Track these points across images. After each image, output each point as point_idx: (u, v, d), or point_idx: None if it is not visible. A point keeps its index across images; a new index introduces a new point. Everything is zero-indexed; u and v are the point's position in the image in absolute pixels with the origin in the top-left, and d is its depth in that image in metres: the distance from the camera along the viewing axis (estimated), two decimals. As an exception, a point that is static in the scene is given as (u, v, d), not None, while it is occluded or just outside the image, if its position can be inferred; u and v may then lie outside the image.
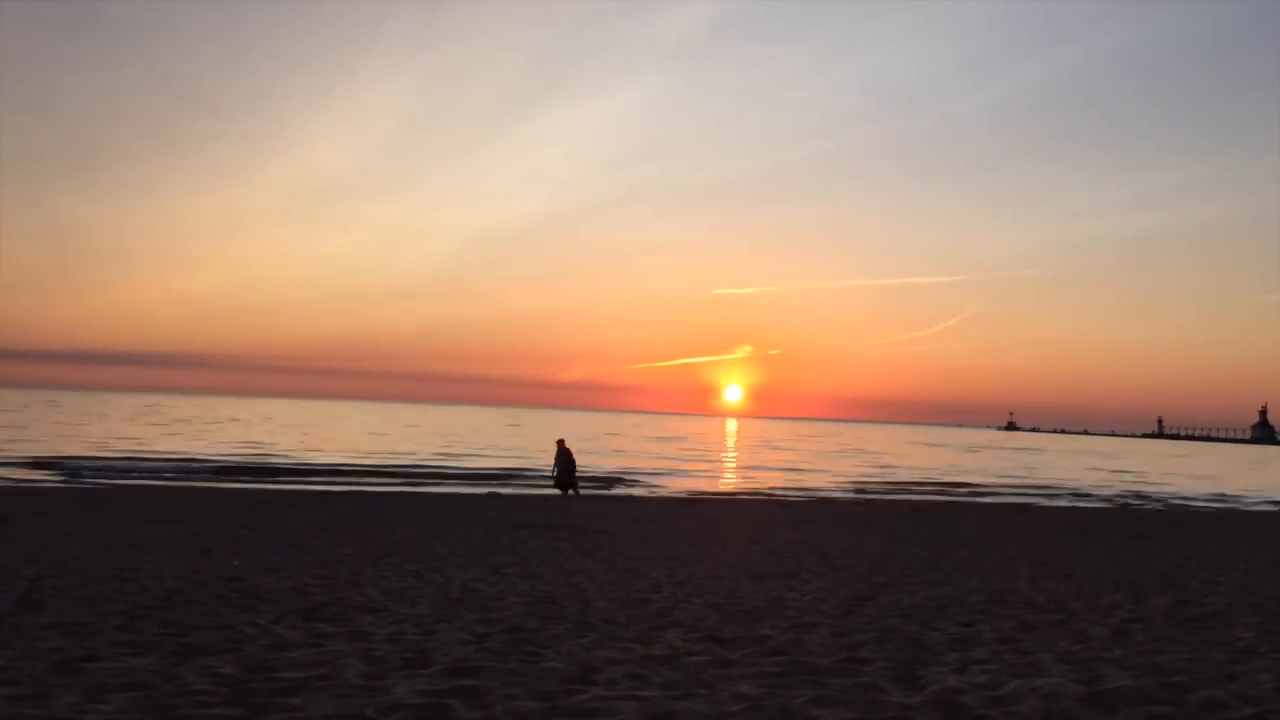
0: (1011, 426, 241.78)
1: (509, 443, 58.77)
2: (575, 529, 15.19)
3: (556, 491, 24.04)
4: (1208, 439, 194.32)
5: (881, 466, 49.96)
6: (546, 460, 28.48)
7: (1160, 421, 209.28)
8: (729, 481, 36.52)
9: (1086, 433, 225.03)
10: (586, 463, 31.01)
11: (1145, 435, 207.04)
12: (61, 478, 26.31)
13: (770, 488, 33.42)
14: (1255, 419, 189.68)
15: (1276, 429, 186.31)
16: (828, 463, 51.90)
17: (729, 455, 58.59)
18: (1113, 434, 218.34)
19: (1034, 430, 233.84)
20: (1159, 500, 33.79)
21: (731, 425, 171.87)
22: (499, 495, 24.51)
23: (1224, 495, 37.67)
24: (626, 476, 35.41)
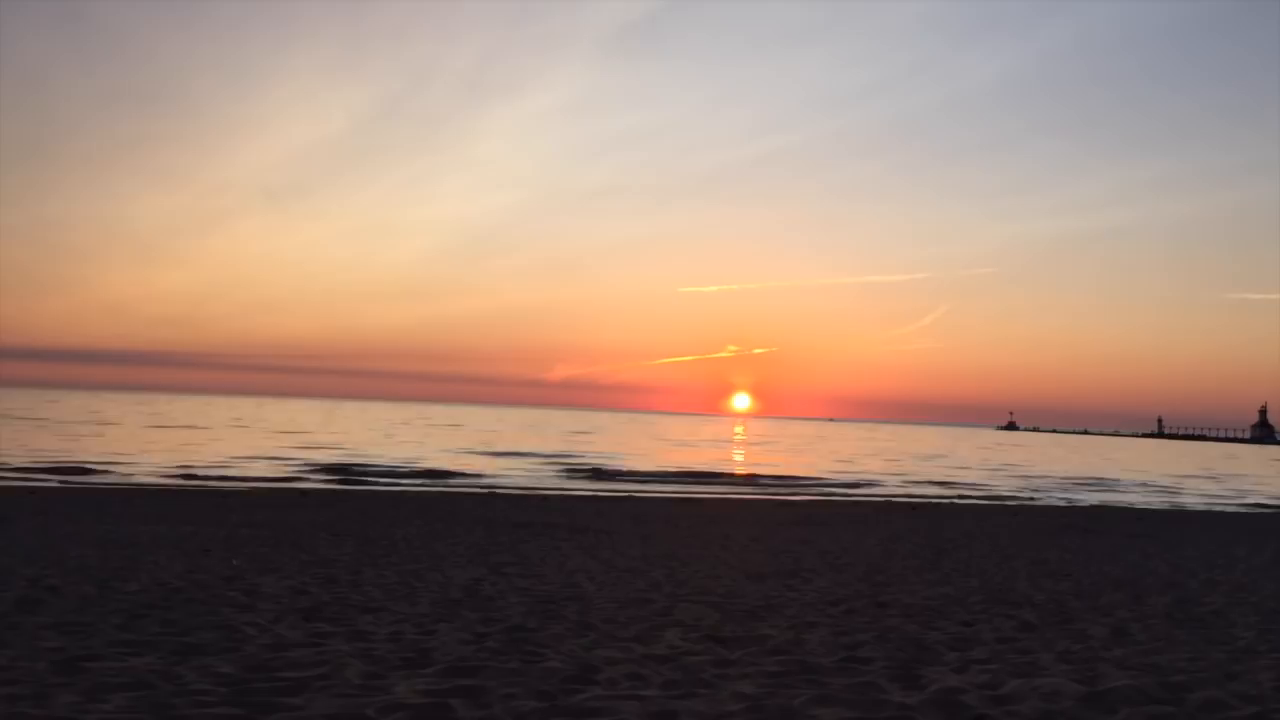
0: (1011, 426, 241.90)
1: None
2: (575, 529, 15.19)
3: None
4: (1207, 438, 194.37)
5: (880, 466, 49.97)
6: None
7: (1160, 421, 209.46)
8: (729, 481, 36.49)
9: (1086, 432, 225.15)
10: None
11: (1146, 435, 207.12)
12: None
13: (770, 487, 33.42)
14: (1255, 418, 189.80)
15: (1276, 429, 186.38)
16: (826, 462, 51.91)
17: (731, 455, 58.58)
18: (1108, 432, 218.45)
19: (1035, 430, 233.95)
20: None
21: (726, 424, 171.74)
22: (498, 495, 24.52)
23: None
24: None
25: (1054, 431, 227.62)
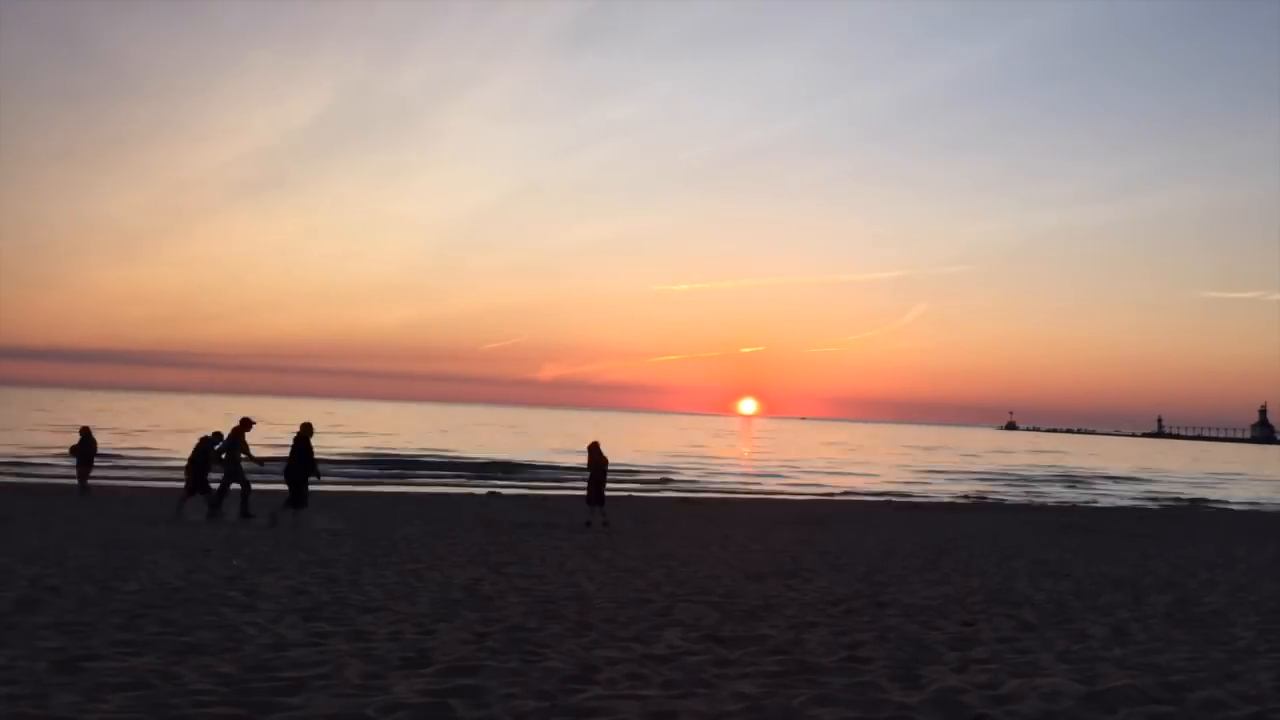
0: (1011, 426, 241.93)
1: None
2: (575, 529, 15.20)
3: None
4: (1207, 438, 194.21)
5: (880, 467, 49.95)
6: None
7: (1160, 421, 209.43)
8: (729, 481, 36.47)
9: (1089, 432, 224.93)
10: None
11: (1146, 435, 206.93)
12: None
13: (769, 487, 33.42)
14: (1255, 418, 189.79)
15: (1276, 428, 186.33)
16: (826, 462, 51.89)
17: (731, 455, 58.54)
18: (1109, 433, 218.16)
19: (1034, 430, 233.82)
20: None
21: (720, 424, 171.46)
22: (499, 495, 24.52)
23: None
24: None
25: (1054, 431, 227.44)
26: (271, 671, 5.27)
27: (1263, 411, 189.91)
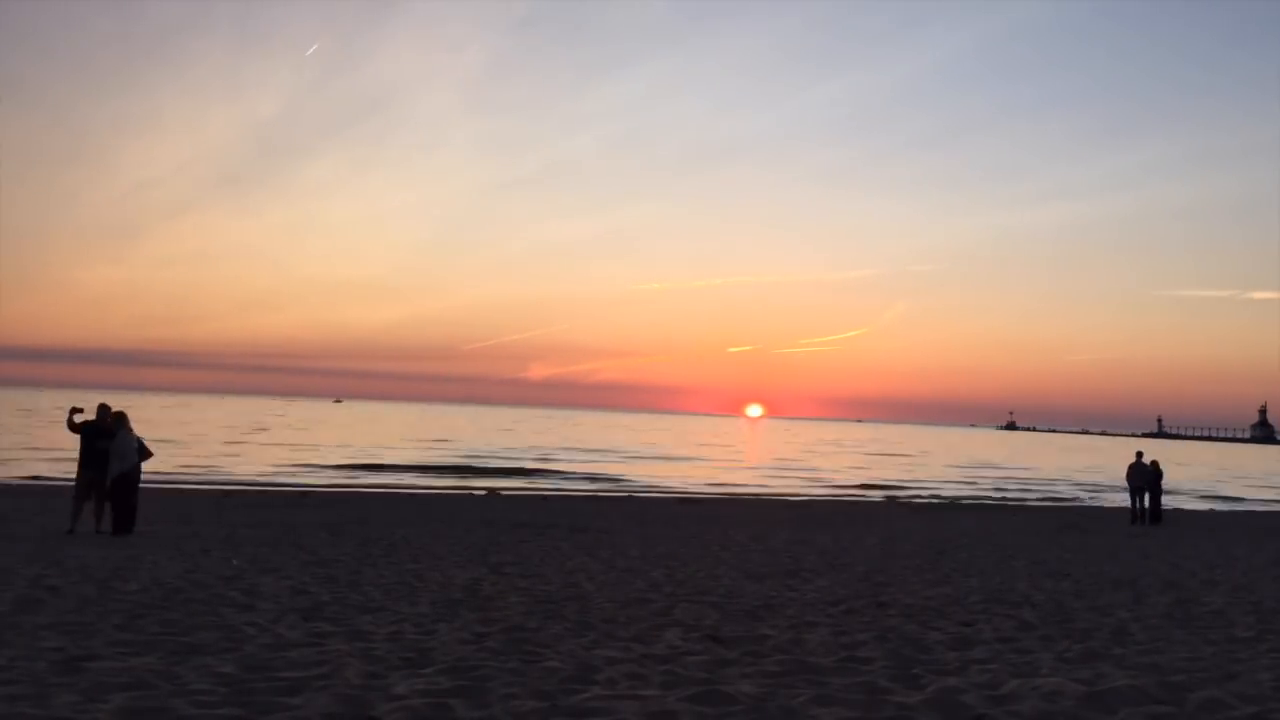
0: (1011, 426, 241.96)
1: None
2: (575, 529, 15.20)
3: None
4: (1207, 438, 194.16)
5: (880, 467, 49.95)
6: None
7: (1160, 421, 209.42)
8: (729, 481, 36.45)
9: (1089, 432, 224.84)
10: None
11: (1146, 435, 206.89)
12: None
13: (770, 487, 33.42)
14: (1255, 418, 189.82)
15: (1276, 428, 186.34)
16: (826, 463, 51.90)
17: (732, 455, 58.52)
18: (1112, 432, 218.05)
19: (1033, 429, 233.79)
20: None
21: (713, 425, 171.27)
22: (499, 495, 24.53)
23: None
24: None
25: (1054, 431, 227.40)
26: (271, 671, 5.27)
27: (1263, 411, 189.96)
